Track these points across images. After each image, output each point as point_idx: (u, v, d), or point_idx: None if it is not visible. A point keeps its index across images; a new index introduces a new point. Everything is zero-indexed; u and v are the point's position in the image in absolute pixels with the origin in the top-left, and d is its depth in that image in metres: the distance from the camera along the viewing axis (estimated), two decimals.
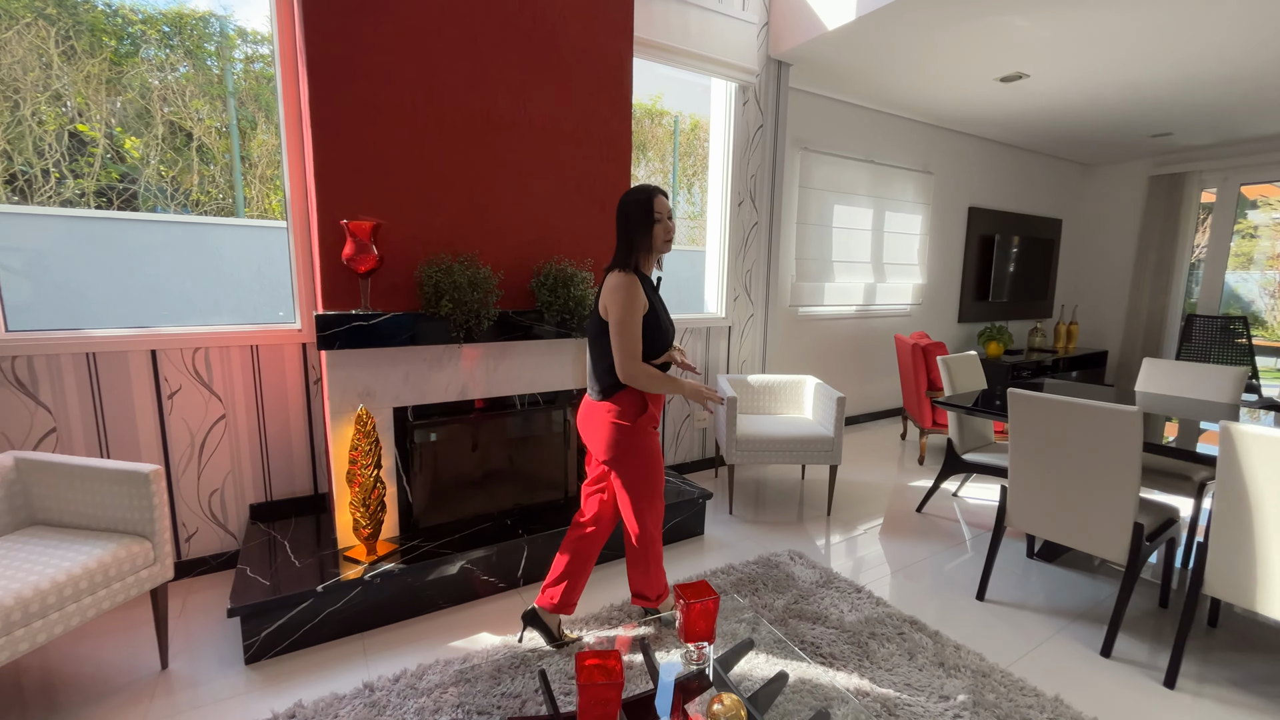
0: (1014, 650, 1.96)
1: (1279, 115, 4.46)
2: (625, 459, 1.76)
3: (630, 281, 1.68)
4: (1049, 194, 6.16)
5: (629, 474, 1.78)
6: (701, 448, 3.73)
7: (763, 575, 2.35)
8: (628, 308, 1.67)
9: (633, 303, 1.67)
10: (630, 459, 1.77)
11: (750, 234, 3.70)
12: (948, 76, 3.77)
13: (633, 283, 1.68)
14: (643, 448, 1.78)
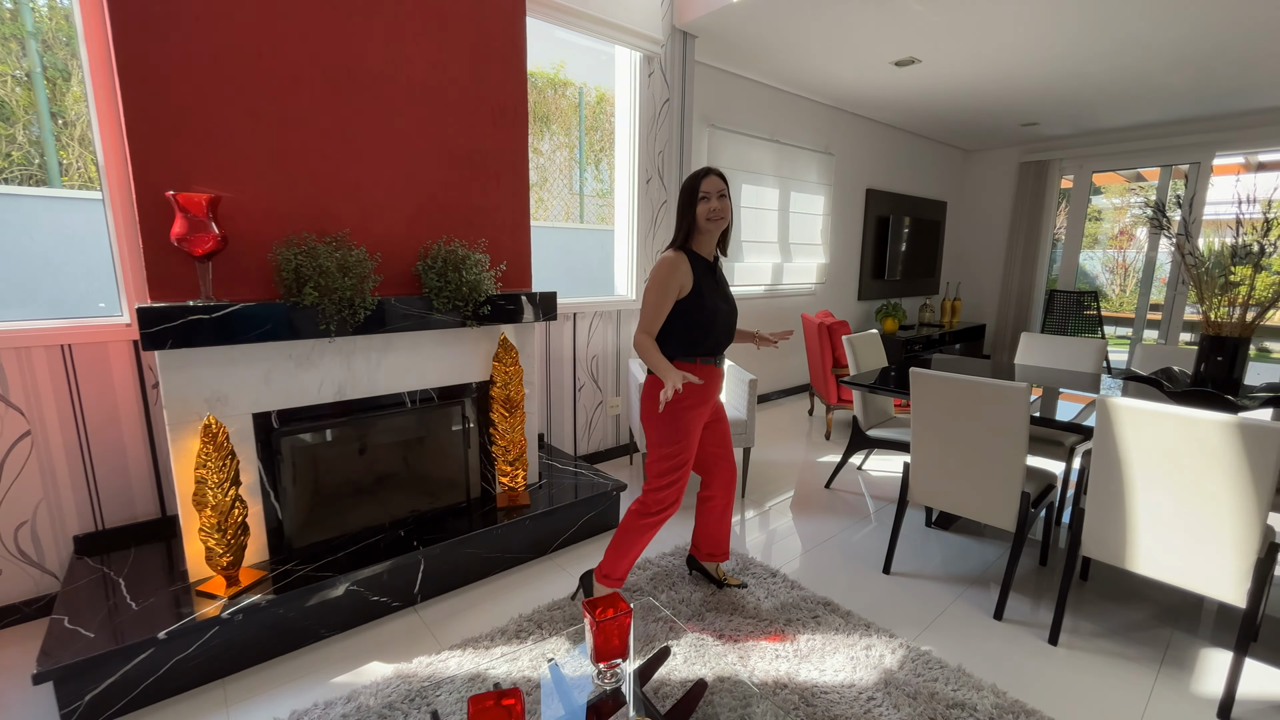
0: (919, 621, 2.02)
1: (1123, 111, 4.96)
2: (654, 430, 1.85)
3: (668, 260, 1.75)
4: (936, 177, 6.55)
5: (656, 447, 1.86)
6: (614, 435, 3.62)
7: (679, 567, 2.28)
8: (654, 284, 1.76)
9: (660, 281, 1.74)
10: (659, 432, 1.84)
11: (659, 213, 3.59)
12: (848, 58, 3.81)
13: (670, 262, 1.74)
14: (674, 419, 1.81)
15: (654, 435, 1.86)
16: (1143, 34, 3.32)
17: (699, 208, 1.77)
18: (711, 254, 1.86)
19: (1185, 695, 1.69)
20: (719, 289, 1.85)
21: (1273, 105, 4.77)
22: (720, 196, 1.77)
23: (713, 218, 1.76)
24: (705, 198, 1.76)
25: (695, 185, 1.77)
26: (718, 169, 1.81)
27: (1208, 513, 1.62)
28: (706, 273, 1.81)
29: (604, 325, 3.43)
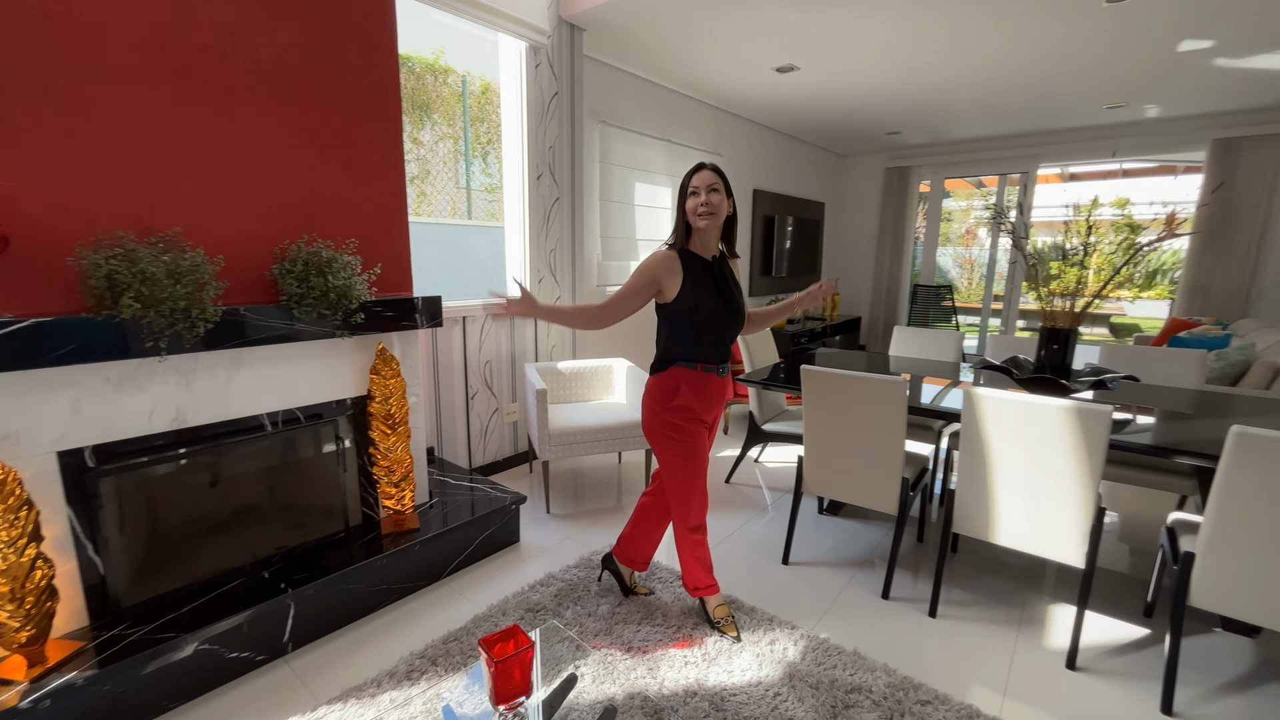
0: (817, 609, 2.10)
1: (969, 125, 5.55)
2: (653, 438, 1.81)
3: (656, 253, 1.71)
4: (815, 179, 6.96)
5: (660, 455, 1.81)
6: (513, 443, 3.46)
7: (585, 580, 2.21)
8: (635, 271, 1.72)
9: (639, 269, 1.71)
10: (657, 439, 1.79)
11: (552, 210, 3.47)
12: (733, 62, 3.91)
13: (657, 254, 1.71)
14: (671, 428, 1.76)
15: (662, 455, 1.82)
16: (983, 60, 3.71)
17: (689, 203, 1.71)
18: (711, 253, 1.79)
19: (1040, 650, 1.89)
20: (716, 290, 1.74)
21: (1078, 125, 5.57)
22: (711, 190, 1.69)
23: (701, 212, 1.69)
24: (695, 192, 1.70)
25: (686, 181, 1.72)
26: (713, 164, 1.73)
27: (1053, 486, 1.81)
28: (701, 272, 1.73)
29: (497, 329, 3.26)
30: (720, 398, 1.83)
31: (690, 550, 1.88)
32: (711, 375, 1.77)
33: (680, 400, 1.74)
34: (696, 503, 1.82)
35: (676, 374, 1.74)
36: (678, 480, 1.80)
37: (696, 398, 1.74)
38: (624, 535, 2.08)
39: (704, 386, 1.75)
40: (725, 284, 1.78)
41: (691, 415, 1.76)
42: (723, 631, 1.90)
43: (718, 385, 1.80)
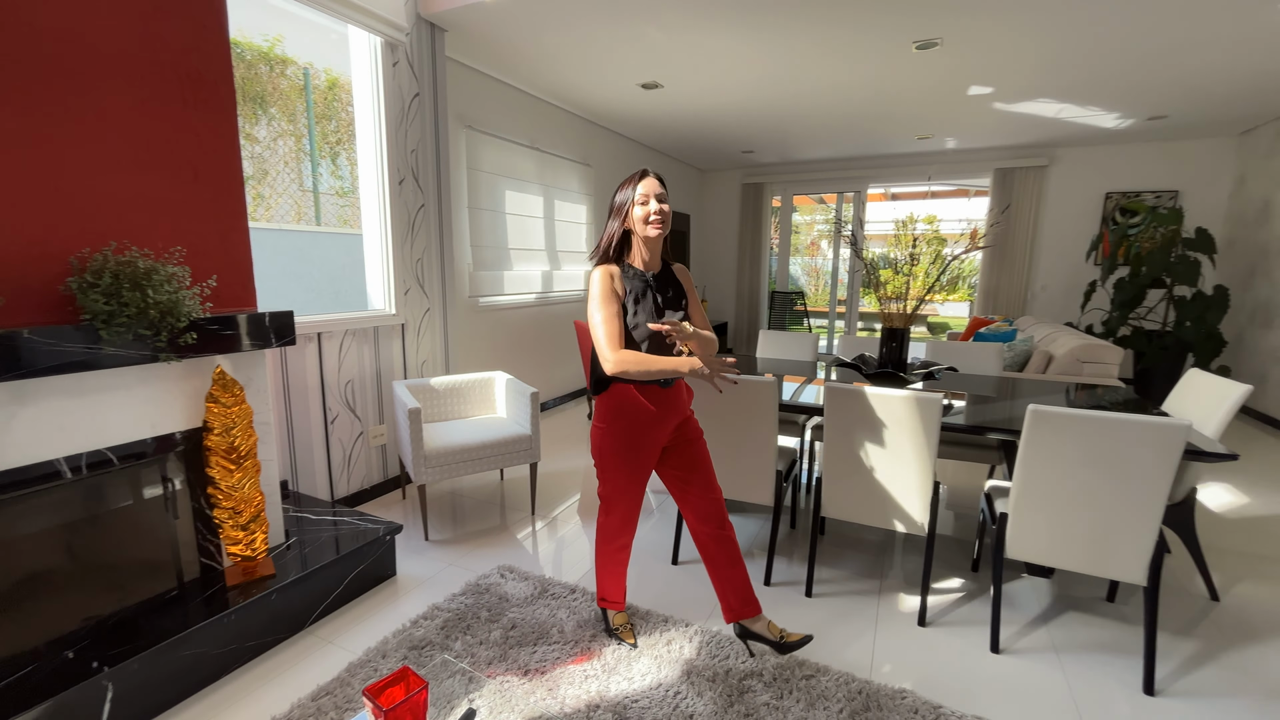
0: (707, 603, 2.18)
1: (811, 147, 6.17)
2: (597, 458, 1.74)
3: (599, 272, 1.62)
4: (680, 192, 7.29)
5: (602, 475, 1.76)
6: (381, 468, 3.19)
7: (473, 606, 2.09)
8: (591, 303, 1.61)
9: (595, 296, 1.60)
10: (601, 459, 1.73)
11: (417, 217, 3.27)
12: (600, 76, 3.98)
13: (600, 273, 1.62)
14: (616, 448, 1.69)
15: (599, 471, 1.77)
16: (818, 91, 4.16)
17: (637, 211, 1.61)
18: (653, 266, 1.70)
19: (898, 614, 2.14)
20: (657, 305, 1.66)
21: (898, 152, 6.44)
22: (661, 199, 1.62)
23: (653, 221, 1.60)
24: (644, 201, 1.61)
25: (630, 190, 1.63)
26: (656, 171, 1.68)
27: (900, 467, 2.06)
28: (641, 285, 1.65)
29: (359, 345, 2.99)
30: (672, 408, 1.71)
31: (615, 565, 1.89)
32: (654, 388, 1.67)
33: (625, 419, 1.66)
34: (629, 523, 1.82)
35: (618, 392, 1.66)
36: (615, 500, 1.78)
37: (642, 414, 1.66)
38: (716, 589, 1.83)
39: (651, 401, 1.66)
40: (663, 298, 1.70)
41: (638, 434, 1.68)
42: (621, 639, 1.90)
43: (665, 398, 1.69)
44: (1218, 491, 3.32)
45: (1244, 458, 3.94)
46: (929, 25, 3.12)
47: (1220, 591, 2.30)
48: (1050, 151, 6.15)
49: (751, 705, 1.63)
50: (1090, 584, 2.34)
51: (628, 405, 1.66)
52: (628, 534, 1.85)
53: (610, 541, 1.86)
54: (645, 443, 1.69)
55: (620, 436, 1.68)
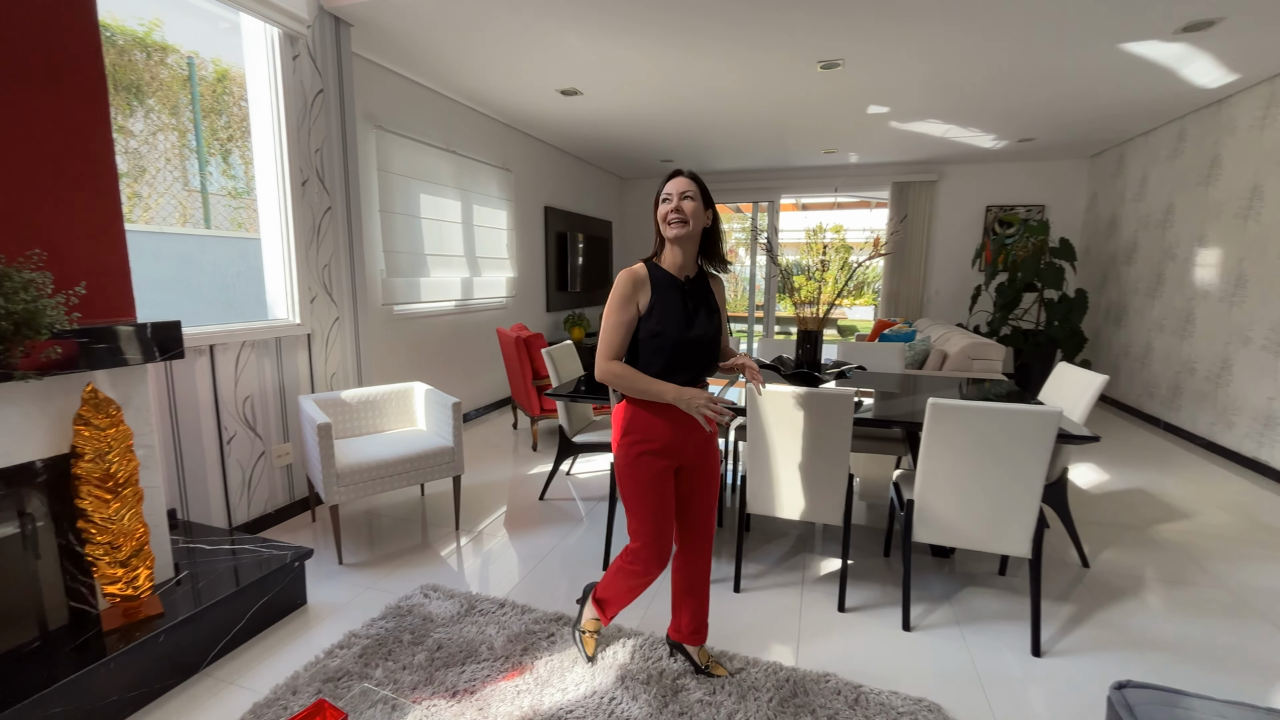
0: (639, 606, 2.19)
1: (726, 158, 6.40)
2: (619, 476, 1.60)
3: (622, 274, 1.52)
4: (601, 199, 7.33)
5: (623, 494, 1.60)
6: (287, 490, 2.96)
7: (395, 630, 1.98)
8: (608, 301, 1.53)
9: (612, 299, 1.52)
10: (621, 478, 1.59)
11: (323, 220, 3.07)
12: (518, 80, 3.93)
13: (624, 275, 1.52)
14: (635, 466, 1.55)
15: (619, 488, 1.63)
16: (731, 105, 4.33)
17: (660, 209, 1.53)
18: (686, 269, 1.58)
19: (820, 602, 2.24)
20: (686, 310, 1.54)
21: (807, 165, 6.81)
22: (684, 197, 1.50)
23: (671, 220, 1.50)
24: (666, 198, 1.52)
25: (660, 188, 1.55)
26: (690, 171, 1.55)
27: (817, 461, 2.17)
28: (670, 290, 1.53)
29: (259, 358, 2.76)
30: (689, 428, 1.58)
31: (624, 590, 1.71)
32: (670, 405, 1.53)
33: (638, 431, 1.54)
34: (649, 556, 1.59)
35: (633, 403, 1.56)
36: (635, 519, 1.59)
37: (657, 429, 1.54)
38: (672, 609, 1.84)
39: (664, 417, 1.54)
40: (695, 306, 1.57)
41: (653, 449, 1.55)
42: (582, 645, 1.88)
43: (683, 415, 1.55)
44: (1085, 470, 3.75)
45: (1104, 439, 4.47)
46: (832, 47, 3.33)
47: (1090, 559, 2.59)
48: (940, 168, 6.72)
49: (686, 704, 1.65)
50: (985, 560, 2.57)
51: (640, 419, 1.55)
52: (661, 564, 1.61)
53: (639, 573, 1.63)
54: (660, 460, 1.56)
55: (634, 452, 1.55)
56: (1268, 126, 3.78)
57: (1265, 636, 2.05)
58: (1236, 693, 1.78)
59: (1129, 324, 5.41)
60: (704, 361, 1.60)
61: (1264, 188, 3.79)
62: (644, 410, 1.54)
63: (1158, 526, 2.93)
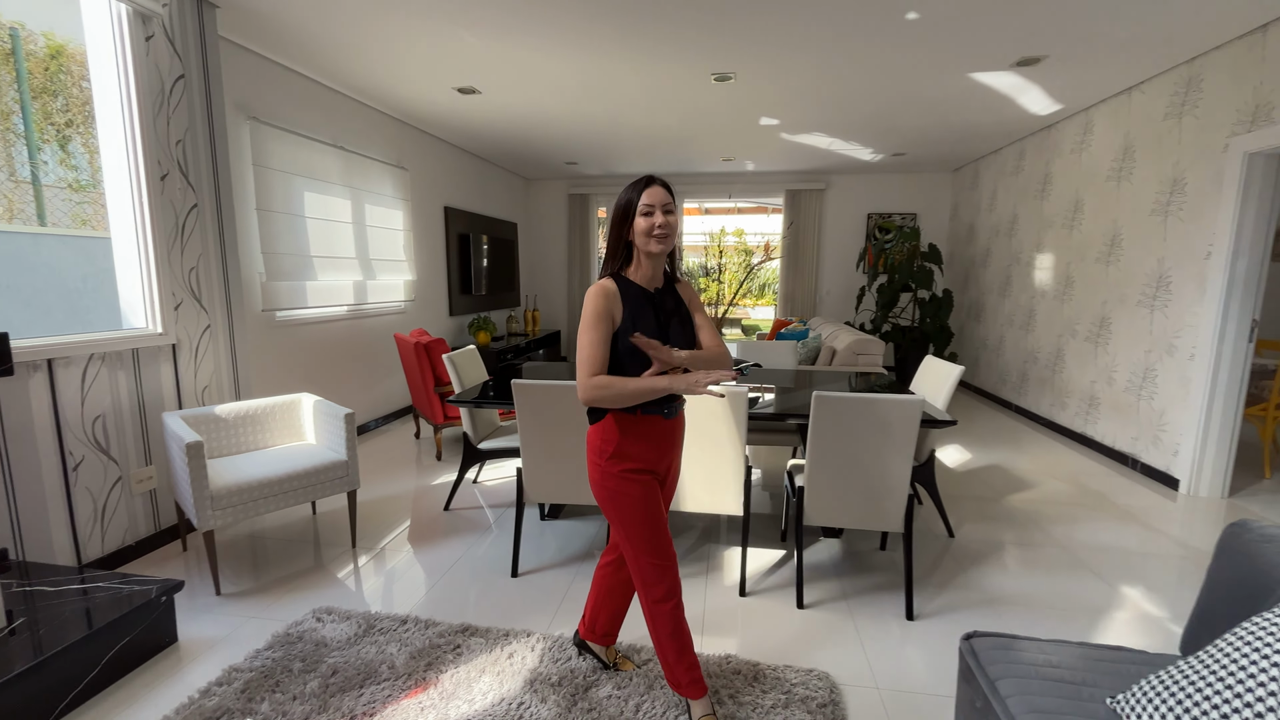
0: (549, 610, 2.19)
1: (631, 162, 6.50)
2: (599, 498, 1.54)
3: (593, 289, 1.47)
4: (505, 200, 7.19)
5: (610, 516, 1.53)
6: (152, 519, 2.66)
7: (284, 660, 1.85)
8: (581, 322, 1.47)
9: (586, 316, 1.46)
10: (603, 499, 1.53)
11: (188, 219, 2.79)
12: (412, 76, 3.77)
13: (595, 289, 1.46)
14: (617, 485, 1.49)
15: (614, 522, 1.53)
16: (633, 111, 4.42)
17: (639, 223, 1.45)
18: (655, 282, 1.54)
19: (723, 588, 2.35)
20: (659, 323, 1.51)
21: (707, 171, 7.07)
22: (666, 211, 1.45)
23: (657, 234, 1.44)
24: (649, 211, 1.44)
25: (633, 198, 1.45)
26: (662, 178, 1.48)
27: (718, 455, 2.28)
28: (643, 304, 1.49)
29: (111, 372, 2.46)
30: (671, 443, 1.57)
31: (664, 627, 1.51)
32: (656, 419, 1.51)
33: (621, 451, 1.49)
34: (660, 564, 1.51)
35: (614, 422, 1.50)
36: (634, 542, 1.51)
37: (640, 446, 1.50)
38: (587, 608, 1.81)
39: (648, 433, 1.51)
40: (668, 318, 1.55)
41: (637, 467, 1.50)
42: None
43: (665, 429, 1.54)
44: (952, 451, 4.20)
45: (966, 423, 5.03)
46: (724, 61, 3.50)
47: (955, 530, 2.91)
48: (827, 177, 7.23)
49: (595, 700, 1.68)
50: (869, 538, 2.81)
51: (628, 439, 1.49)
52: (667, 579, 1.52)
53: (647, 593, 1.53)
54: (649, 478, 1.52)
55: (624, 475, 1.49)
56: (1085, 149, 4.43)
57: (1090, 584, 2.41)
58: (1066, 633, 2.08)
59: (986, 320, 6.11)
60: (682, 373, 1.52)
61: (1083, 201, 4.44)
62: (626, 433, 1.49)
63: (1009, 497, 3.34)
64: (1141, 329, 3.79)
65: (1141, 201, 3.81)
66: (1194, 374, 3.34)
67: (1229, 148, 3.14)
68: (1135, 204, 3.87)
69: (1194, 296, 3.37)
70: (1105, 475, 3.73)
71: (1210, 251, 3.26)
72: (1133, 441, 3.84)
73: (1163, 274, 3.61)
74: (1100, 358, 4.20)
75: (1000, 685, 1.21)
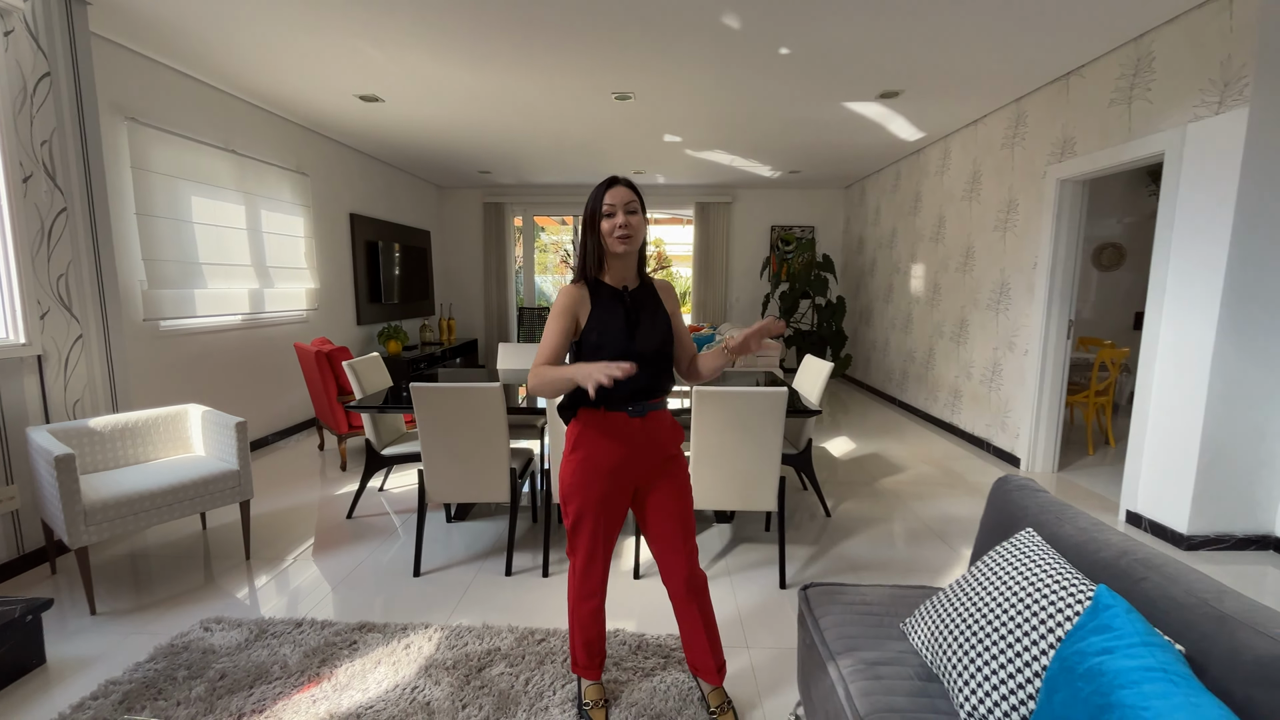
0: (449, 603, 2.27)
1: (545, 172, 6.63)
2: (562, 498, 1.58)
3: (565, 289, 1.52)
4: (417, 208, 7.09)
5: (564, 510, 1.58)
6: (14, 541, 2.49)
7: (167, 670, 1.82)
8: (550, 314, 1.52)
9: (552, 312, 1.52)
10: (564, 498, 1.57)
11: (56, 224, 2.65)
12: (310, 81, 3.73)
13: (566, 291, 1.52)
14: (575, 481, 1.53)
15: (563, 504, 1.58)
16: (542, 124, 4.57)
17: (603, 224, 1.47)
18: (626, 281, 1.55)
19: (620, 574, 2.52)
20: (629, 321, 1.50)
21: None
22: (629, 210, 1.47)
23: (619, 235, 1.46)
24: (610, 213, 1.47)
25: (597, 199, 1.47)
26: (626, 178, 1.52)
27: None
28: (611, 302, 1.51)
29: None
30: (646, 445, 1.54)
31: (585, 624, 1.62)
32: (621, 416, 1.50)
33: (582, 443, 1.51)
34: (592, 573, 1.59)
35: (582, 419, 1.53)
36: (576, 542, 1.56)
37: (603, 442, 1.51)
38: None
39: (613, 431, 1.50)
40: (637, 315, 1.53)
41: (596, 463, 1.51)
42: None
43: (634, 429, 1.52)
44: (840, 442, 4.61)
45: (855, 417, 5.51)
46: (623, 81, 3.72)
47: (832, 510, 3.24)
48: (733, 191, 7.67)
49: (488, 678, 1.79)
50: (756, 520, 3.08)
51: (589, 434, 1.51)
52: (592, 584, 1.60)
53: (575, 593, 1.62)
54: (607, 479, 1.52)
55: (579, 469, 1.52)
56: (945, 172, 5.03)
57: (938, 548, 2.78)
58: None
59: (874, 323, 6.71)
60: (653, 371, 1.53)
61: (946, 218, 5.03)
62: (593, 431, 1.51)
63: (883, 480, 3.74)
64: (990, 330, 4.36)
65: (987, 219, 4.39)
66: (1028, 367, 3.90)
67: (1047, 174, 3.71)
68: (983, 221, 4.45)
69: (1026, 300, 3.93)
70: (965, 458, 4.24)
71: (1036, 262, 3.82)
72: (986, 427, 4.39)
73: (1004, 282, 4.18)
74: (962, 355, 4.76)
75: (822, 622, 1.44)
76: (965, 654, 1.13)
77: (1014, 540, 1.29)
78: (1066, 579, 1.10)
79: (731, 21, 2.91)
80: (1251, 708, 0.85)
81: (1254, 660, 0.87)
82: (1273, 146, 2.49)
